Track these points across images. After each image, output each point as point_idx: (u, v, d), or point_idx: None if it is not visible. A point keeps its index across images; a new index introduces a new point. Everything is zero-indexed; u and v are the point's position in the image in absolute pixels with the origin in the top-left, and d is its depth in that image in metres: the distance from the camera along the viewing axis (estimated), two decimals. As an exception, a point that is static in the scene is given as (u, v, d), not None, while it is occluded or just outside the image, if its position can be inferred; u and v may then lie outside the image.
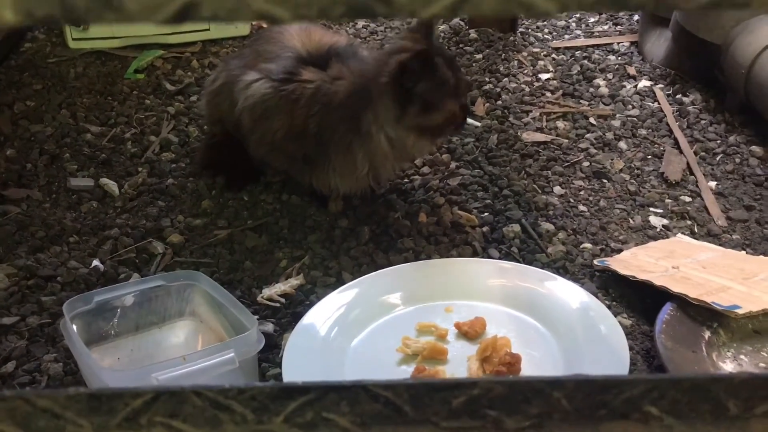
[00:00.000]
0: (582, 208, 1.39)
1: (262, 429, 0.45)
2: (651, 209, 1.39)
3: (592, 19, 2.15)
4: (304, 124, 1.28)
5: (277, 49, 1.35)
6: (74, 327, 1.01)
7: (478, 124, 1.63)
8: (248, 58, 1.40)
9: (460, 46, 1.96)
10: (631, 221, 1.36)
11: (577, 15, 2.17)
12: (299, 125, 1.29)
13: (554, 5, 0.27)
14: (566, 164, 1.51)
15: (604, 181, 1.46)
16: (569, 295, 1.11)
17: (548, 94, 1.76)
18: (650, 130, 1.62)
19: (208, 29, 1.98)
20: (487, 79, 1.80)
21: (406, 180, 1.46)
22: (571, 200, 1.41)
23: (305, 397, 0.44)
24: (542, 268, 1.21)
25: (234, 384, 0.44)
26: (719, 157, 1.54)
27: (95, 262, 1.24)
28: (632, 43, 1.99)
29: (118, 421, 0.43)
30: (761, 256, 1.23)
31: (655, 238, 1.31)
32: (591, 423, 0.45)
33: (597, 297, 1.13)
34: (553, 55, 1.93)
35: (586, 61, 1.89)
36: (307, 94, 1.28)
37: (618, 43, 1.99)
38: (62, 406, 0.42)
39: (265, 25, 1.93)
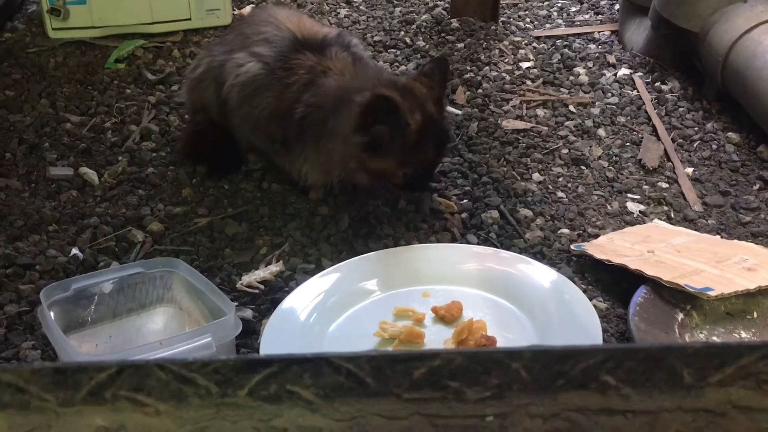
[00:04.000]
0: (560, 194, 1.40)
1: (226, 402, 0.45)
2: (628, 195, 1.40)
3: (573, 9, 2.16)
4: (290, 107, 1.29)
5: (270, 30, 1.35)
6: (51, 314, 1.01)
7: (458, 112, 1.64)
8: (235, 42, 1.40)
9: (442, 35, 1.96)
10: (608, 207, 1.37)
11: (559, 5, 2.18)
12: (285, 108, 1.29)
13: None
14: (545, 151, 1.52)
15: (583, 167, 1.47)
16: (544, 278, 1.12)
17: (528, 82, 1.76)
18: (629, 118, 1.63)
19: (190, 19, 1.97)
20: (468, 67, 1.81)
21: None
22: (550, 187, 1.42)
23: (268, 369, 0.45)
24: (520, 253, 1.22)
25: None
26: (696, 143, 1.55)
27: (74, 251, 1.24)
28: (613, 32, 2.00)
29: (83, 395, 0.44)
30: (735, 240, 1.25)
31: (632, 224, 1.32)
32: (549, 393, 0.46)
33: (573, 281, 1.14)
34: (534, 44, 1.93)
35: (566, 50, 1.90)
36: (301, 81, 1.29)
37: (599, 32, 2.00)
38: (26, 381, 0.43)
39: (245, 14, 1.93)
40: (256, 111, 1.33)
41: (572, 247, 1.24)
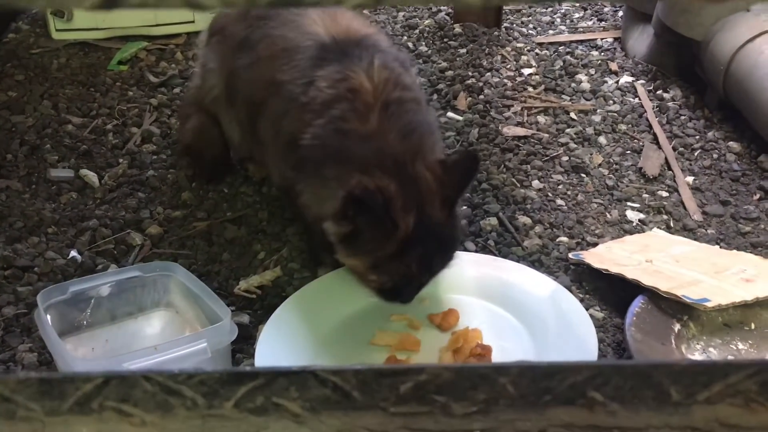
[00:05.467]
0: (560, 202, 1.40)
1: (212, 414, 0.45)
2: (628, 204, 1.40)
3: (576, 15, 2.16)
4: (300, 131, 1.10)
5: (297, 37, 1.16)
6: (48, 317, 1.01)
7: (459, 118, 1.64)
8: (259, 50, 1.21)
9: (445, 40, 1.96)
10: (608, 215, 1.37)
11: (562, 11, 2.18)
12: (299, 130, 1.10)
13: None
14: (546, 158, 1.52)
15: (583, 175, 1.47)
16: (541, 287, 1.12)
17: (530, 89, 1.76)
18: (630, 126, 1.63)
19: (193, 22, 1.98)
20: (470, 73, 1.81)
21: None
22: (549, 194, 1.42)
23: (255, 382, 0.45)
24: (518, 261, 1.22)
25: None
26: (697, 152, 1.55)
27: (73, 253, 1.25)
28: (615, 39, 2.00)
29: (70, 405, 0.44)
30: (734, 251, 1.24)
31: (631, 233, 1.32)
32: (536, 409, 0.46)
33: (571, 290, 1.14)
34: (537, 50, 1.93)
35: (569, 57, 1.90)
36: (318, 99, 1.09)
37: (601, 39, 2.00)
38: (12, 390, 0.43)
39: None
40: (281, 140, 1.16)
41: (570, 255, 1.23)
